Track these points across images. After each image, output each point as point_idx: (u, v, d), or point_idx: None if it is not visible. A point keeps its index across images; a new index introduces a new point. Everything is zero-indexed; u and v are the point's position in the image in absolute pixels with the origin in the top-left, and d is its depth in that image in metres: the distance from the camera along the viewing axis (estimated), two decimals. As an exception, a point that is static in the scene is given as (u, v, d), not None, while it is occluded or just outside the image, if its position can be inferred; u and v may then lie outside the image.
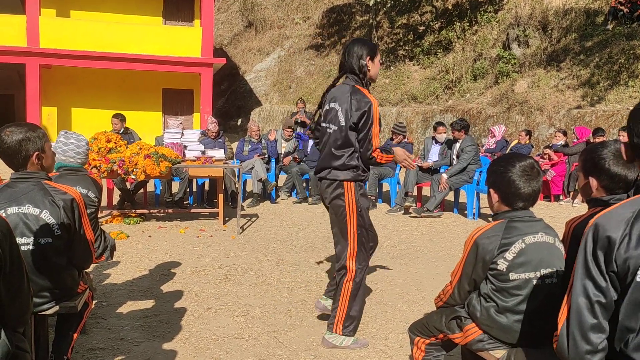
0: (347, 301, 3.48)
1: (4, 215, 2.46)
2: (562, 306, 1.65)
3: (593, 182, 2.29)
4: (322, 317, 4.01)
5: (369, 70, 3.52)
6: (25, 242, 2.55)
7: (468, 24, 17.93)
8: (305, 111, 12.92)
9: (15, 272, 1.89)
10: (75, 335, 2.91)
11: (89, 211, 3.01)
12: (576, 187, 9.38)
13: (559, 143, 10.31)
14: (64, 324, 2.89)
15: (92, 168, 6.18)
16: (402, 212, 8.32)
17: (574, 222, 2.33)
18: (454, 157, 8.31)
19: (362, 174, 3.54)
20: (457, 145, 8.25)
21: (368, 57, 3.50)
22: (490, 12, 17.62)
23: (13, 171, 2.63)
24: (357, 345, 3.51)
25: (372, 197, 8.74)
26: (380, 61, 3.61)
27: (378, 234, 6.73)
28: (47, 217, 2.58)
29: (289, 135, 9.85)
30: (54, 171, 3.34)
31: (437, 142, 8.89)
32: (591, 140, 9.54)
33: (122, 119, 8.57)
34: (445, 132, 8.80)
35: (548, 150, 10.35)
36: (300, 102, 13.22)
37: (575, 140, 10.22)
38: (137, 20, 18.18)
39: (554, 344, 1.67)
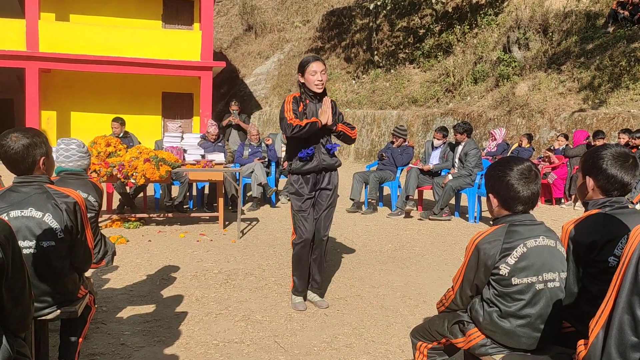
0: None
1: (6, 219, 2.45)
2: (597, 315, 1.58)
3: (590, 181, 2.30)
4: (324, 320, 4.01)
5: (302, 83, 4.12)
6: (28, 246, 2.55)
7: (468, 27, 17.94)
8: (239, 114, 11.60)
9: (18, 277, 1.88)
10: (80, 340, 2.90)
11: (89, 215, 3.00)
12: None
13: (561, 147, 10.30)
14: (69, 329, 2.88)
15: (91, 172, 6.17)
16: (403, 215, 8.30)
17: (570, 225, 2.32)
18: (457, 160, 8.30)
19: (292, 166, 4.20)
20: (460, 148, 8.25)
21: (299, 74, 4.12)
22: (490, 15, 17.63)
23: (15, 176, 2.62)
24: (293, 304, 4.29)
25: (372, 201, 8.73)
26: (312, 72, 4.04)
27: (380, 237, 6.78)
28: (50, 220, 2.58)
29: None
30: (55, 175, 3.33)
31: (434, 147, 8.89)
32: (592, 143, 9.54)
33: (122, 122, 8.57)
34: (441, 139, 8.73)
35: (549, 153, 10.34)
36: (234, 104, 11.66)
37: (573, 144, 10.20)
38: (136, 24, 18.19)
39: (581, 353, 1.63)
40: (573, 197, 9.84)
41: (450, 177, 8.10)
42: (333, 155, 4.28)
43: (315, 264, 4.39)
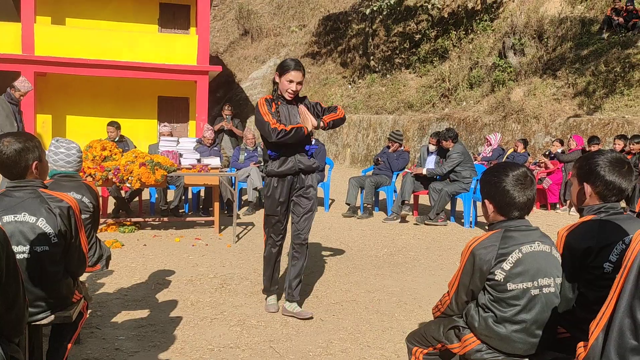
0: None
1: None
2: (597, 318, 1.58)
3: (587, 188, 2.30)
4: (319, 325, 4.00)
5: (277, 83, 4.09)
6: (21, 251, 2.53)
7: (464, 32, 18.01)
8: (232, 118, 11.36)
9: (12, 282, 1.87)
10: (69, 345, 2.88)
11: (83, 217, 2.99)
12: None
13: (557, 152, 10.33)
14: (58, 334, 2.86)
15: (87, 176, 6.15)
16: (399, 220, 8.30)
17: (565, 231, 2.33)
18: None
19: (268, 168, 4.17)
20: (448, 153, 8.30)
21: (277, 74, 4.07)
22: (486, 20, 17.71)
23: (8, 181, 2.61)
24: (266, 305, 4.30)
25: (368, 206, 8.74)
26: (288, 80, 4.00)
27: (375, 242, 6.78)
28: (43, 225, 2.56)
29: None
30: (49, 178, 3.33)
31: (429, 152, 8.94)
32: (587, 149, 9.57)
33: (118, 127, 8.56)
34: (436, 144, 8.81)
35: (544, 159, 10.37)
36: (227, 109, 11.36)
37: (573, 147, 10.22)
38: (132, 28, 18.18)
39: (581, 355, 1.62)
40: (568, 202, 9.86)
41: (424, 171, 8.31)
42: (311, 156, 4.19)
43: (294, 270, 4.22)
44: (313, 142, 4.32)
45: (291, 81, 3.99)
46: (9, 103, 7.60)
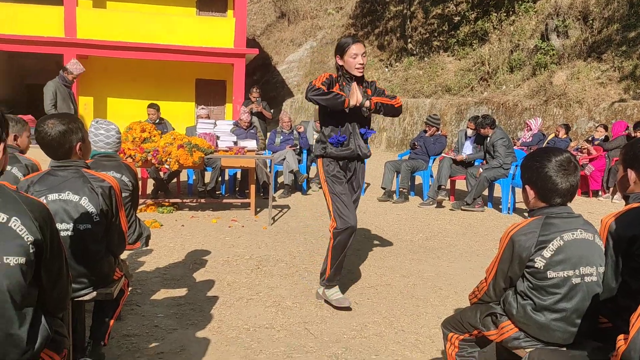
0: (325, 258, 4.07)
1: (44, 202, 2.51)
2: (638, 310, 1.54)
3: (631, 174, 2.22)
4: (354, 308, 4.01)
5: (341, 66, 3.98)
6: (65, 228, 2.60)
7: (505, 14, 17.57)
8: (260, 101, 10.86)
9: (56, 258, 1.92)
10: (111, 321, 2.97)
11: (123, 195, 3.05)
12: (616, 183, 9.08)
13: (600, 138, 10.04)
14: (101, 310, 2.95)
15: (127, 157, 6.28)
16: (435, 205, 8.23)
17: (610, 219, 2.26)
18: (486, 151, 8.19)
19: (327, 150, 4.02)
20: (488, 140, 8.13)
21: (337, 56, 3.99)
22: (528, 1, 17.22)
23: (52, 160, 2.68)
24: (331, 297, 4.00)
25: (404, 190, 8.68)
26: (352, 55, 3.90)
27: (411, 227, 6.74)
28: (86, 203, 2.63)
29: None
30: (89, 158, 3.41)
31: (467, 136, 8.80)
32: (632, 134, 9.28)
33: (158, 109, 8.71)
34: (474, 129, 8.64)
35: (587, 144, 10.10)
36: (255, 91, 11.03)
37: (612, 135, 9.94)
38: (171, 11, 18.37)
39: (621, 347, 1.59)
40: (611, 189, 9.61)
41: (480, 170, 8.00)
42: (366, 141, 4.14)
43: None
44: (367, 128, 4.15)
45: (356, 55, 3.89)
46: (64, 86, 7.79)
